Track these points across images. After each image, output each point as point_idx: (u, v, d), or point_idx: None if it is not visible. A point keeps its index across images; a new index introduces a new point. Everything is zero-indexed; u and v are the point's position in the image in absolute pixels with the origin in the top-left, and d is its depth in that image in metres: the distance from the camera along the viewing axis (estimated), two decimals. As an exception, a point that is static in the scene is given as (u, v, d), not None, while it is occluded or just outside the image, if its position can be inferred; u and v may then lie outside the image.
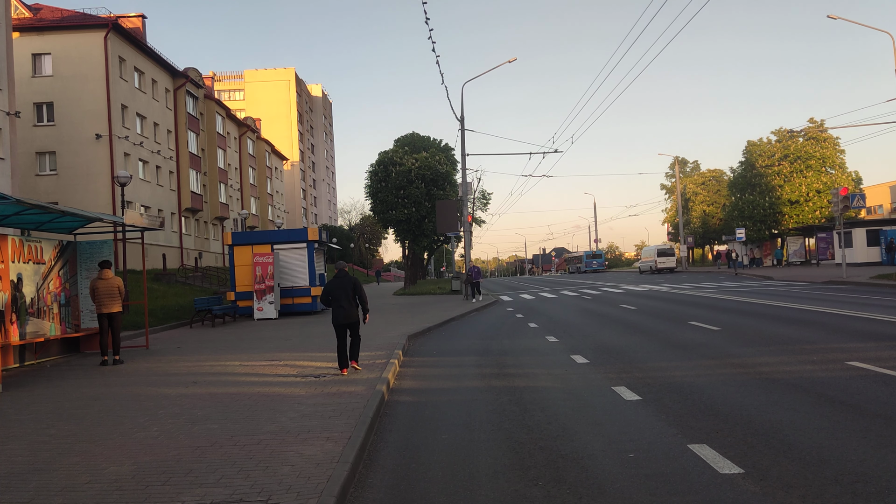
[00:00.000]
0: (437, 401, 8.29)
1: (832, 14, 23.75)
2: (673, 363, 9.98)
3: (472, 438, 6.37)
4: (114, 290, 11.79)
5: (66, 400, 8.65)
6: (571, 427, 6.61)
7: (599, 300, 24.80)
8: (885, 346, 10.28)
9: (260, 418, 7.02)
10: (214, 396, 8.42)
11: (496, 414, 7.33)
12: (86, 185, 37.16)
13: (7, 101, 28.38)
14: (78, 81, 37.19)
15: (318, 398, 7.98)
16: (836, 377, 8.26)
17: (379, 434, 6.69)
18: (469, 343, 14.01)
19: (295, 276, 22.07)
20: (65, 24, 37.82)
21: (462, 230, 28.28)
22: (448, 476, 5.27)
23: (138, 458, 5.69)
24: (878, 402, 6.89)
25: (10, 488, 5.03)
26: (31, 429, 7.06)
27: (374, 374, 9.49)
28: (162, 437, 6.42)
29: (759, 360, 9.78)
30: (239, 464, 5.38)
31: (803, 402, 7.14)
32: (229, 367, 11.08)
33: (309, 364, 10.88)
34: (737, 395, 7.58)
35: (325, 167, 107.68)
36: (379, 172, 37.37)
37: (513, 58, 28.51)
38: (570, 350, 11.90)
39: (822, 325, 13.47)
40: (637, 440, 6.00)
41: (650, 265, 52.78)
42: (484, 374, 10.01)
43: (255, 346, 13.98)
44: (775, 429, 6.11)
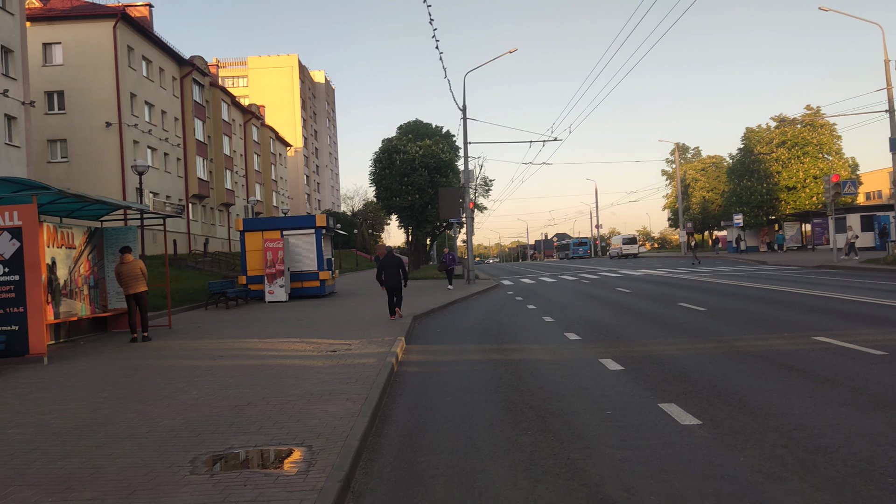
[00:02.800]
0: (441, 371, 9.24)
1: (824, 6, 24.42)
2: (657, 339, 10.90)
3: (472, 400, 7.31)
4: (137, 272, 12.73)
5: (109, 370, 9.62)
6: (559, 391, 7.55)
7: (596, 284, 25.72)
8: (852, 324, 11.20)
9: (285, 384, 7.96)
10: (241, 367, 9.38)
11: (493, 381, 8.27)
12: (96, 172, 38.03)
13: (22, 91, 29.22)
14: (88, 70, 37.97)
15: (335, 369, 8.92)
16: (800, 350, 9.19)
17: (391, 397, 7.63)
18: (470, 323, 14.97)
19: (304, 261, 23.03)
20: (75, 14, 38.56)
21: (464, 216, 29.18)
22: (451, 427, 6.21)
23: (186, 414, 6.64)
24: (830, 370, 7.81)
25: (84, 436, 5.98)
26: (85, 393, 8.02)
27: (383, 348, 10.43)
28: (202, 399, 7.36)
29: (736, 336, 10.70)
30: (273, 418, 6.32)
31: (766, 370, 8.06)
32: (250, 343, 12.04)
33: (323, 341, 11.82)
34: (708, 366, 8.50)
35: (328, 153, 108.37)
36: (383, 160, 38.20)
37: (513, 48, 29.32)
38: (564, 328, 12.83)
39: (801, 305, 14.40)
40: (615, 401, 6.93)
41: (618, 251, 63.25)
42: (483, 349, 10.96)
43: (271, 326, 14.94)
44: (735, 391, 7.03)
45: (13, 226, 9.91)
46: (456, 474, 4.90)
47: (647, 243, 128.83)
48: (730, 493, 4.25)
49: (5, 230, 9.90)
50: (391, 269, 15.46)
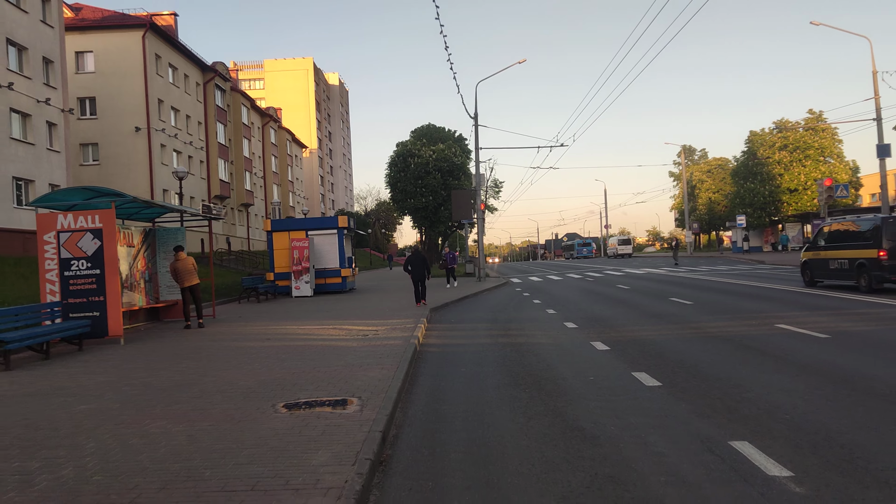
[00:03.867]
0: (456, 350, 10.96)
1: (815, 20, 25.84)
2: (644, 327, 12.56)
3: (482, 370, 9.02)
4: (190, 268, 14.53)
5: (178, 349, 11.41)
6: (553, 364, 9.24)
7: (599, 281, 27.34)
8: (813, 314, 12.83)
9: (329, 358, 9.69)
10: (288, 347, 11.13)
11: (500, 357, 9.98)
12: (126, 174, 40.02)
13: (62, 99, 31.17)
14: (118, 78, 39.95)
15: (368, 348, 10.65)
16: (762, 334, 10.83)
17: (416, 368, 9.35)
18: (481, 314, 16.68)
19: (327, 259, 24.81)
20: (105, 24, 40.54)
21: (475, 217, 30.85)
22: (466, 388, 7.92)
23: (256, 378, 8.38)
24: (780, 350, 9.45)
25: (182, 392, 7.73)
26: (167, 364, 9.79)
27: (406, 333, 12.16)
28: (264, 368, 9.11)
29: (712, 324, 12.35)
30: (325, 381, 8.04)
31: (727, 349, 9.71)
32: (289, 329, 13.81)
33: (353, 328, 13.56)
34: (681, 346, 10.16)
35: (342, 154, 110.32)
36: (398, 163, 39.97)
37: (522, 59, 30.94)
38: (564, 319, 14.51)
39: (777, 299, 16.02)
40: (597, 371, 8.61)
41: (615, 251, 71.08)
42: (492, 334, 12.67)
43: (304, 316, 16.70)
44: (696, 364, 8.70)
45: (94, 227, 11.71)
46: (470, 416, 6.61)
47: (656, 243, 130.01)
48: (668, 425, 5.94)
49: (88, 231, 11.69)
50: (417, 265, 18.80)
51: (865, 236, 17.14)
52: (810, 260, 19.82)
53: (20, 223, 27.69)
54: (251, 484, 4.49)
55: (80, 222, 11.69)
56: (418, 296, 18.71)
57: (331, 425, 5.92)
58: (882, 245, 16.33)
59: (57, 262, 11.67)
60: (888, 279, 16.27)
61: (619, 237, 73.15)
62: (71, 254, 11.71)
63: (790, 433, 5.51)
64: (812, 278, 19.65)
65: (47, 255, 11.69)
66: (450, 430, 6.13)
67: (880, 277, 16.42)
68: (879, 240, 16.47)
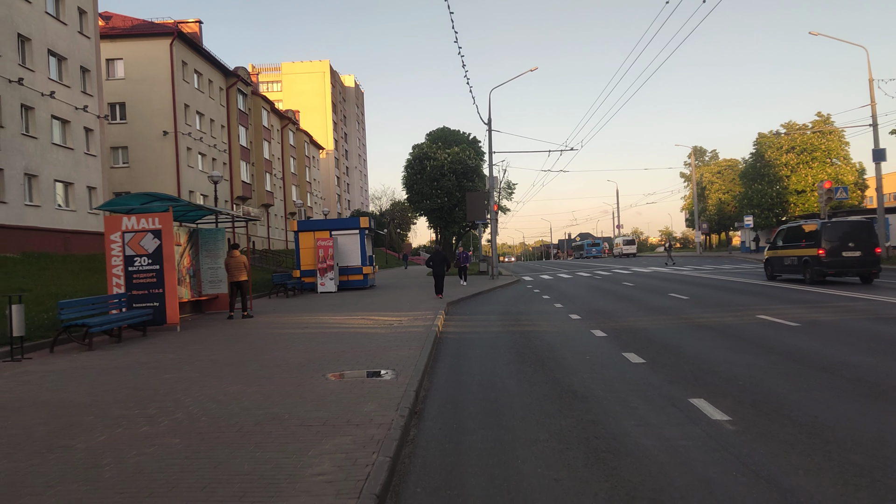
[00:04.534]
0: (472, 337, 12.47)
1: (813, 31, 27.02)
2: (639, 318, 14.00)
3: (494, 352, 10.52)
4: (240, 265, 16.17)
5: (228, 334, 13.00)
6: (556, 347, 10.72)
7: (607, 279, 28.74)
8: (791, 307, 14.23)
9: (362, 342, 11.23)
10: (324, 333, 12.69)
11: (510, 342, 11.48)
12: (153, 176, 41.80)
13: (98, 106, 32.99)
14: (147, 84, 41.73)
15: (394, 334, 12.17)
16: (742, 324, 12.25)
17: (437, 349, 10.87)
18: (493, 308, 18.18)
19: (349, 257, 26.40)
20: (135, 33, 42.35)
21: (489, 218, 32.34)
22: (480, 364, 9.43)
23: (304, 356, 9.93)
24: (754, 336, 10.87)
25: (244, 366, 9.29)
26: (223, 346, 11.38)
27: (427, 322, 13.68)
28: (308, 349, 10.65)
29: (701, 316, 13.78)
30: (362, 358, 9.57)
31: (708, 335, 11.15)
32: (322, 320, 15.37)
33: (379, 318, 15.11)
34: (669, 334, 11.61)
35: (358, 155, 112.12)
36: (415, 165, 41.53)
37: (534, 67, 32.38)
38: (569, 312, 15.97)
39: (764, 294, 17.42)
40: (593, 352, 10.09)
41: (620, 251, 76.48)
42: (504, 324, 14.17)
43: (332, 309, 18.27)
44: (679, 347, 10.15)
45: (155, 228, 13.32)
46: (485, 383, 8.12)
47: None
48: (644, 390, 7.42)
49: (149, 232, 13.31)
50: (438, 262, 21.49)
51: (810, 237, 20.26)
52: (771, 258, 23.03)
53: (62, 223, 29.51)
54: (322, 421, 6.03)
55: (142, 224, 13.32)
56: (438, 289, 21.22)
57: (374, 387, 7.45)
58: (822, 245, 19.38)
59: (122, 258, 13.30)
60: (827, 273, 19.29)
61: (624, 237, 77.67)
62: (134, 252, 13.34)
63: (739, 394, 6.97)
64: (772, 273, 22.77)
65: (113, 253, 13.33)
66: (468, 392, 7.65)
67: (820, 272, 19.36)
68: (819, 240, 19.53)
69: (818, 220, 20.73)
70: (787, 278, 22.33)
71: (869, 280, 19.51)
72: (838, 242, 19.28)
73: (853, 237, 19.35)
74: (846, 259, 19.19)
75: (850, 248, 19.21)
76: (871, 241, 19.45)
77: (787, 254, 21.53)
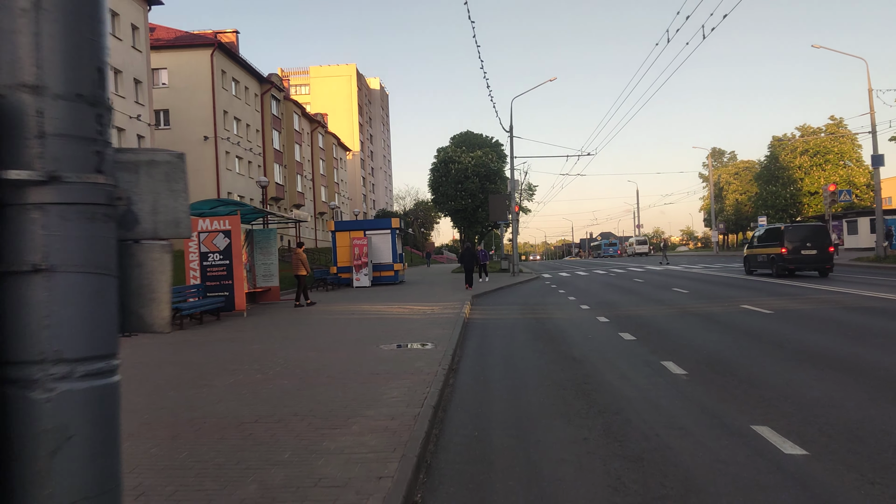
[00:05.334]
0: (495, 322, 14.68)
1: (815, 44, 28.75)
2: (641, 308, 16.11)
3: (513, 332, 12.73)
4: (296, 261, 18.64)
5: (291, 319, 15.35)
6: (565, 330, 12.90)
7: (620, 276, 30.77)
8: (772, 298, 16.26)
9: (403, 324, 13.50)
10: (369, 318, 14.99)
11: (527, 326, 13.69)
12: (194, 179, 44.45)
13: (148, 115, 35.72)
14: (189, 91, 44.49)
15: (429, 319, 14.43)
16: (727, 311, 14.32)
17: (466, 330, 13.10)
18: (513, 300, 20.37)
19: (382, 255, 28.75)
20: (178, 44, 45.13)
21: (510, 219, 34.51)
22: (502, 341, 11.66)
23: (358, 334, 12.22)
24: (732, 320, 12.95)
25: (311, 340, 11.61)
26: (288, 328, 13.72)
27: (456, 310, 15.91)
28: (359, 329, 12.94)
29: (694, 306, 15.84)
30: (406, 335, 11.83)
31: (694, 321, 13.24)
32: (364, 308, 17.69)
33: (413, 307, 17.38)
34: (662, 319, 13.72)
35: (383, 156, 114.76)
36: (440, 168, 43.82)
37: (553, 77, 34.49)
38: (580, 303, 18.11)
39: (754, 288, 19.42)
40: (595, 333, 12.25)
41: (633, 250, 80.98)
42: (522, 312, 16.37)
43: (370, 300, 20.59)
44: (667, 329, 12.28)
45: (225, 229, 15.74)
46: (505, 353, 10.35)
47: (689, 242, 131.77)
48: (629, 357, 9.60)
49: (220, 232, 15.73)
50: (468, 258, 25.28)
51: (775, 238, 23.80)
52: (748, 255, 26.73)
53: (117, 223, 32.20)
54: (386, 371, 8.30)
55: (215, 225, 15.74)
56: (468, 280, 24.35)
57: (419, 353, 9.72)
58: (784, 244, 22.91)
59: (198, 255, 15.74)
60: (788, 268, 22.96)
61: (637, 238, 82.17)
62: (208, 249, 15.77)
63: (699, 358, 9.11)
64: (749, 268, 26.43)
65: (190, 250, 15.77)
66: (492, 358, 9.88)
67: (784, 267, 23.03)
68: (783, 241, 23.04)
69: (783, 224, 24.86)
70: (760, 273, 25.70)
71: (825, 274, 22.96)
72: (798, 243, 22.83)
73: (811, 238, 22.91)
74: (804, 256, 22.76)
75: (807, 248, 22.76)
76: (826, 242, 22.96)
77: (760, 252, 25.23)
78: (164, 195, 2.18)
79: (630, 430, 5.85)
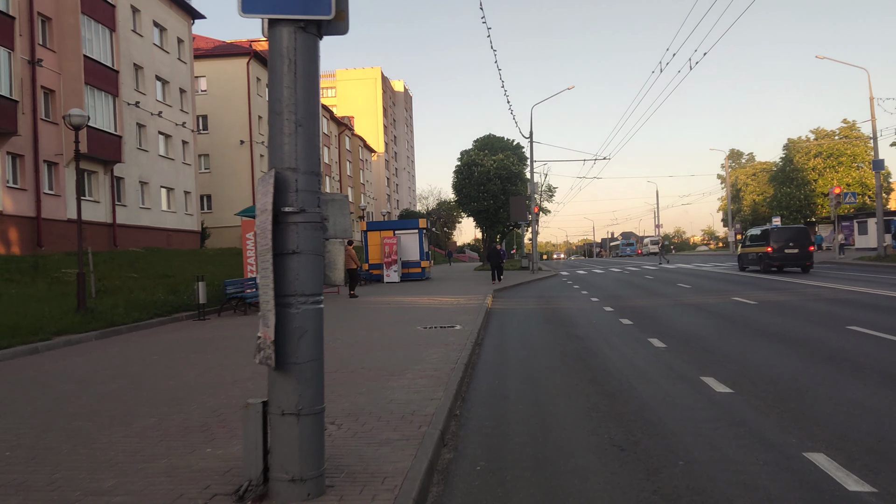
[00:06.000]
0: (513, 311, 16.81)
1: (819, 55, 30.40)
2: (644, 300, 18.12)
3: (528, 318, 14.85)
4: (348, 257, 20.94)
5: (336, 306, 17.60)
6: (573, 317, 14.99)
7: (634, 274, 32.69)
8: (758, 291, 18.20)
9: (433, 312, 15.66)
10: (404, 307, 17.19)
11: (541, 313, 15.79)
12: (231, 181, 47.10)
13: (192, 122, 38.29)
14: (226, 98, 47.06)
15: (456, 308, 16.58)
16: (718, 303, 16.30)
17: (488, 317, 15.24)
18: (531, 293, 22.47)
19: (410, 253, 30.97)
20: (216, 53, 47.73)
21: (530, 219, 36.58)
22: (518, 324, 13.80)
23: (397, 319, 14.42)
24: (721, 310, 14.92)
25: (360, 323, 13.82)
26: (337, 313, 15.93)
27: (480, 301, 18.05)
28: (397, 315, 15.13)
29: (690, 298, 17.83)
30: (438, 319, 13.97)
31: (687, 310, 15.24)
32: (398, 300, 19.90)
33: (441, 299, 19.54)
34: (659, 309, 15.74)
35: (406, 157, 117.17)
36: (463, 171, 46.03)
37: (571, 86, 36.48)
38: (591, 296, 20.15)
39: (748, 283, 21.33)
40: (598, 319, 14.32)
41: (647, 249, 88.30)
42: (538, 303, 18.46)
43: (402, 293, 22.80)
44: (661, 316, 14.31)
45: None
46: (520, 333, 12.49)
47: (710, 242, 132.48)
48: (623, 336, 11.69)
49: (274, 231, 18.03)
50: (494, 256, 28.42)
51: (762, 238, 27.34)
52: (741, 253, 30.42)
53: (165, 223, 34.84)
54: (426, 342, 10.48)
55: (269, 226, 18.02)
56: (494, 276, 27.77)
57: (450, 332, 11.89)
58: (769, 244, 26.36)
59: (254, 251, 18.01)
60: (773, 265, 26.53)
61: (651, 238, 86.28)
62: (263, 246, 18.06)
63: (680, 336, 11.16)
64: (742, 266, 30.12)
65: (248, 247, 18.09)
66: (510, 336, 12.03)
67: (769, 264, 26.62)
68: (768, 241, 26.52)
69: (770, 226, 28.78)
70: (751, 269, 29.03)
71: (806, 270, 26.24)
72: (783, 243, 26.15)
73: (793, 239, 26.23)
74: (787, 255, 26.04)
75: (790, 247, 26.03)
76: (807, 242, 26.21)
77: (751, 251, 28.69)
78: (339, 216, 4.41)
79: (610, 379, 7.97)
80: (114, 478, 4.66)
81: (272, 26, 4.13)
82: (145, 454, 5.20)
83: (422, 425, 5.72)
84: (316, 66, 4.23)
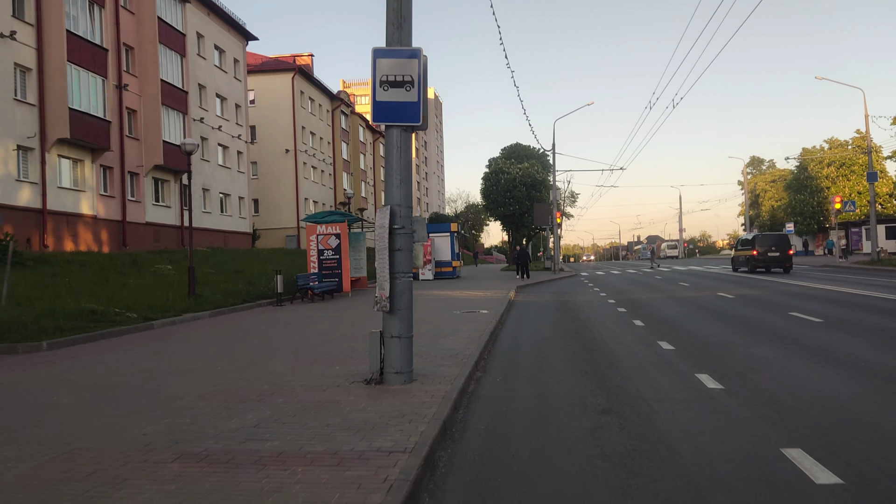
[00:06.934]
0: (531, 303, 20.14)
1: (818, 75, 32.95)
2: (645, 295, 21.28)
3: (544, 308, 18.18)
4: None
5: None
6: (581, 307, 18.26)
7: (647, 275, 35.71)
8: (741, 287, 21.26)
9: (465, 302, 19.02)
10: (441, 298, 20.59)
11: (555, 305, 19.10)
12: (276, 187, 51.03)
13: (245, 133, 42.19)
14: (272, 110, 51.01)
15: (484, 299, 19.91)
16: (703, 297, 19.44)
17: (510, 306, 18.58)
18: (549, 290, 25.76)
19: (442, 254, 34.40)
20: (264, 69, 51.72)
21: (552, 224, 39.81)
22: (535, 313, 17.14)
23: (437, 305, 17.82)
24: (702, 302, 18.08)
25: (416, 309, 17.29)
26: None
27: (503, 294, 21.38)
28: (436, 304, 18.52)
29: (683, 293, 20.96)
30: (470, 306, 17.34)
31: (675, 302, 18.40)
32: (433, 293, 23.32)
33: (471, 293, 22.91)
34: (654, 301, 18.93)
35: (436, 161, 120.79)
36: (491, 178, 49.38)
37: (591, 101, 39.66)
38: (601, 292, 23.35)
39: (735, 282, 24.38)
40: (602, 310, 17.57)
41: (665, 253, 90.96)
42: (553, 297, 21.76)
43: (437, 289, 26.20)
44: (652, 306, 17.51)
45: (336, 232, 21.58)
46: (536, 318, 15.84)
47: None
48: (618, 321, 14.99)
49: (333, 235, 21.57)
50: (522, 257, 32.91)
51: (750, 244, 31.51)
52: (734, 256, 34.90)
53: (222, 226, 38.76)
54: (461, 320, 13.89)
55: (329, 230, 21.61)
56: (521, 274, 32.15)
57: (479, 315, 15.27)
58: (755, 248, 30.59)
59: (316, 251, 21.62)
60: (758, 266, 30.63)
61: (668, 242, 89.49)
62: (323, 247, 21.64)
63: (660, 320, 14.40)
64: (734, 267, 34.29)
65: (311, 248, 21.67)
66: (526, 319, 15.39)
67: (754, 265, 30.83)
68: (755, 245, 30.74)
69: (757, 233, 34.12)
70: (741, 270, 33.26)
71: (787, 270, 30.15)
72: (766, 247, 30.42)
73: (775, 244, 30.59)
74: (770, 257, 30.27)
75: (772, 251, 30.28)
76: (787, 246, 30.51)
77: (740, 254, 33.28)
78: (420, 229, 7.93)
79: (595, 344, 11.29)
80: (290, 375, 8.17)
81: (388, 128, 7.57)
82: (299, 369, 8.70)
83: (463, 359, 9.15)
84: (410, 147, 7.66)
